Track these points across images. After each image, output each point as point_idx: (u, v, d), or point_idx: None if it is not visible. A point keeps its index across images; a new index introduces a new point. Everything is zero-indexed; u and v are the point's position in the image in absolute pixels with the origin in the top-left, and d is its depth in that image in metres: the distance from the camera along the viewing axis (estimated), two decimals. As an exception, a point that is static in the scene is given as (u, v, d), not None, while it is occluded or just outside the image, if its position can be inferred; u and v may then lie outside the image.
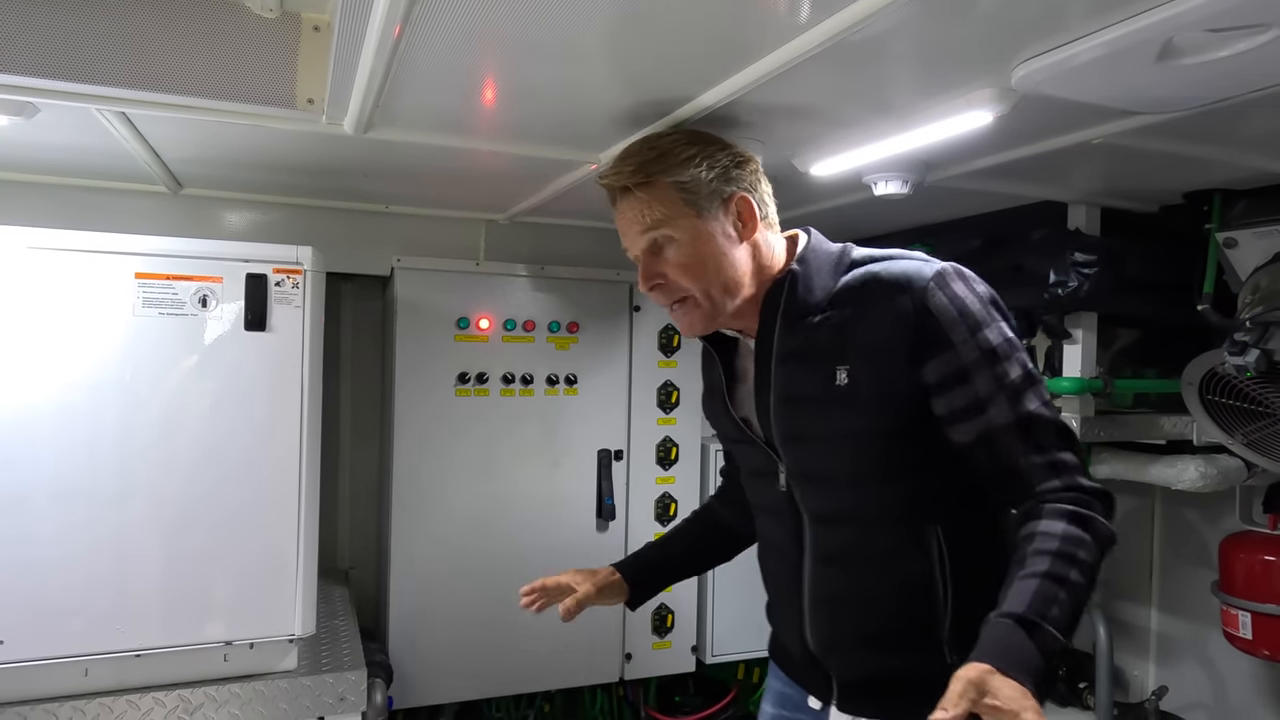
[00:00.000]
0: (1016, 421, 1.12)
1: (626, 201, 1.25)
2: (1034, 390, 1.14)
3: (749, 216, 1.25)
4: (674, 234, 1.22)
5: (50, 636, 1.64)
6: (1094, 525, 1.09)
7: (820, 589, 1.28)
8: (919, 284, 1.15)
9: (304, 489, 1.80)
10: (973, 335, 1.13)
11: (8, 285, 1.60)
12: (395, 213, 2.47)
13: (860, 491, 1.23)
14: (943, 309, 1.13)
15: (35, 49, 1.34)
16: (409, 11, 1.01)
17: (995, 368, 1.13)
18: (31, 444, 1.62)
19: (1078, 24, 1.05)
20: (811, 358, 1.22)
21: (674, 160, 1.22)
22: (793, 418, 1.25)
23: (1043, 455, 1.13)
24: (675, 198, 1.22)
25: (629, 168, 1.24)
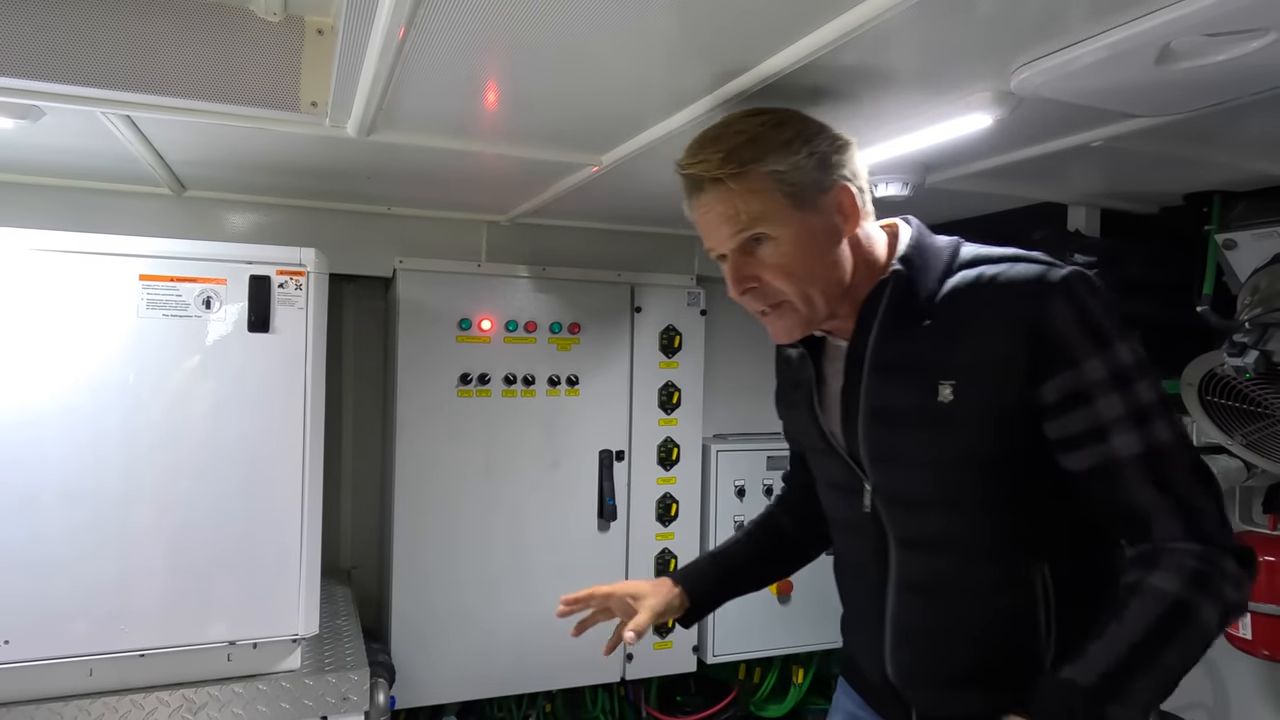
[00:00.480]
0: (1144, 453, 0.97)
1: (713, 194, 1.08)
2: (1167, 420, 0.99)
3: (852, 208, 1.11)
4: (771, 231, 1.07)
5: (55, 637, 1.64)
6: (1215, 593, 0.93)
7: (905, 618, 1.16)
8: (1042, 291, 1.01)
9: (307, 489, 1.80)
10: (1100, 351, 0.99)
11: (13, 287, 1.61)
12: (397, 214, 2.48)
13: (957, 520, 1.09)
14: (1068, 321, 0.99)
15: (41, 52, 1.35)
16: (413, 14, 1.01)
17: (1123, 390, 0.98)
18: (36, 445, 1.63)
19: (1077, 27, 1.06)
20: (911, 369, 1.09)
21: (770, 146, 1.07)
22: (884, 435, 1.12)
23: (1171, 496, 0.97)
24: (773, 189, 1.06)
25: (718, 155, 1.07)
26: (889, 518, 1.15)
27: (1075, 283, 1.01)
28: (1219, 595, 0.94)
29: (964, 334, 1.05)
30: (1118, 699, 0.88)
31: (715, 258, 1.16)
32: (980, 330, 1.04)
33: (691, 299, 2.71)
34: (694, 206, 1.13)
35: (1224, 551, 0.96)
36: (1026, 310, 1.01)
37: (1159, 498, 0.97)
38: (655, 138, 1.55)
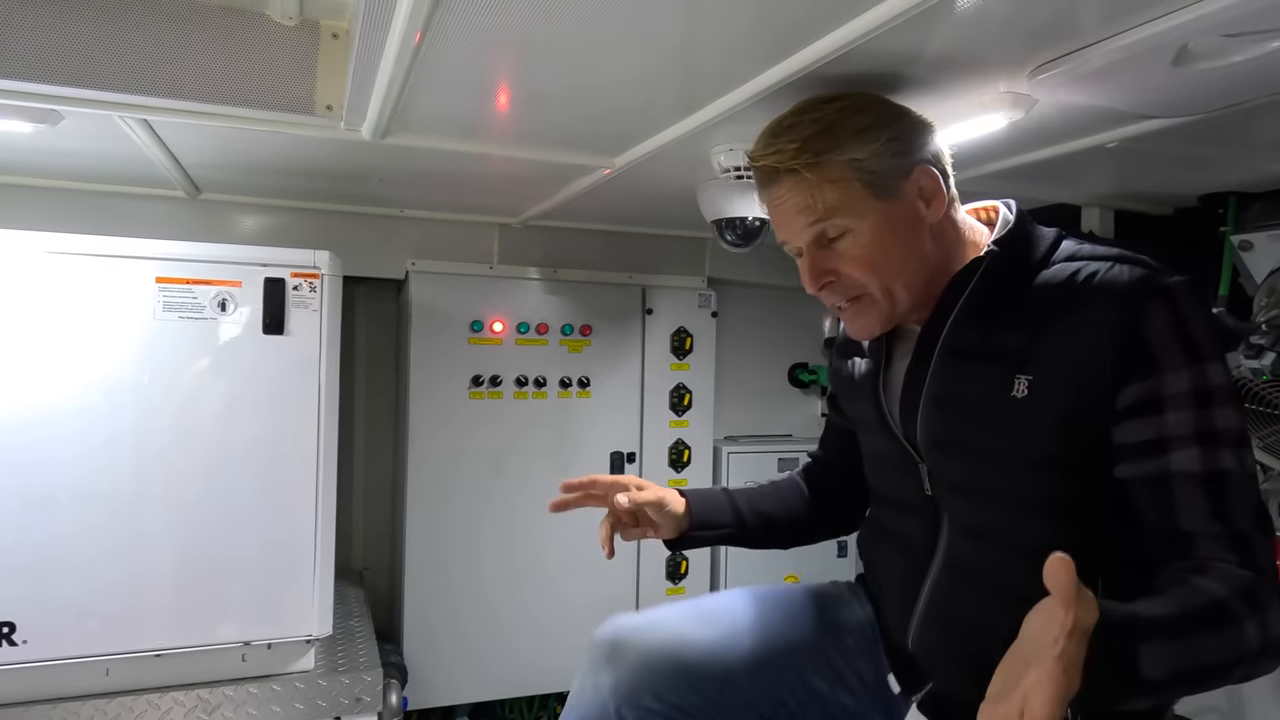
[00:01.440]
0: (1203, 474, 0.92)
1: (788, 185, 1.05)
2: (1238, 452, 0.93)
3: (935, 193, 1.06)
4: (850, 223, 1.03)
5: (71, 637, 1.66)
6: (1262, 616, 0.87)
7: (942, 600, 1.11)
8: (1143, 295, 0.95)
9: (321, 490, 1.81)
10: (1188, 366, 0.93)
11: (31, 290, 1.63)
12: (410, 217, 2.49)
13: (1014, 517, 1.04)
14: (1163, 329, 0.94)
15: (59, 57, 1.36)
16: (430, 18, 1.02)
17: (1199, 409, 0.93)
18: (52, 446, 1.64)
19: (1094, 28, 1.05)
20: (986, 358, 1.04)
21: (846, 133, 1.03)
22: (946, 422, 1.08)
23: (1225, 525, 0.91)
24: (851, 179, 1.02)
25: (793, 145, 1.02)
26: (946, 503, 1.11)
27: (1180, 292, 0.96)
28: (1266, 621, 0.87)
29: (1050, 328, 1.00)
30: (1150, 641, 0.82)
31: (790, 250, 1.11)
32: (1069, 326, 0.98)
33: (702, 301, 2.71)
34: (767, 199, 1.10)
35: (1275, 589, 0.90)
36: (1123, 313, 0.95)
37: (1211, 522, 0.92)
38: (667, 140, 1.55)
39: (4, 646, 1.60)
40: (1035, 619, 0.77)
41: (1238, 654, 0.87)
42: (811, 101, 1.09)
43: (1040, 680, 0.71)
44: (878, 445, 1.23)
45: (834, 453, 1.45)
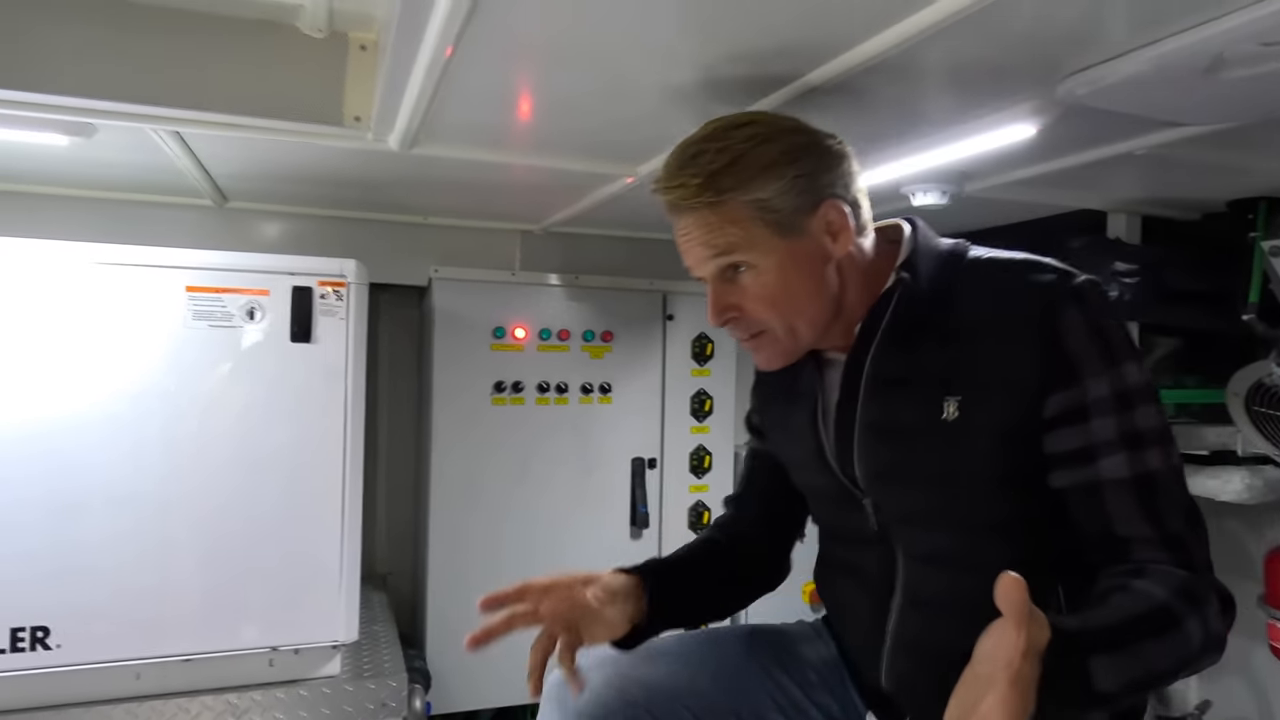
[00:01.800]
0: (1132, 479, 0.93)
1: (691, 219, 1.03)
2: (1163, 450, 0.94)
3: (842, 227, 1.03)
4: (752, 260, 1.01)
5: (103, 641, 1.68)
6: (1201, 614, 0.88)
7: (909, 632, 1.09)
8: (1055, 302, 0.95)
9: (347, 497, 1.83)
10: (1107, 371, 0.94)
11: (65, 298, 1.65)
12: (433, 224, 2.51)
13: (966, 539, 1.03)
14: (1080, 335, 0.95)
15: (95, 72, 1.38)
16: (462, 31, 1.03)
17: (1121, 413, 0.93)
18: (85, 453, 1.66)
19: (1125, 38, 1.05)
20: (913, 384, 1.03)
21: (750, 170, 0.99)
22: (883, 453, 1.06)
23: (1158, 527, 0.93)
24: (754, 218, 0.99)
25: (695, 181, 1.00)
26: (896, 534, 1.09)
27: (1090, 294, 0.97)
28: (1205, 617, 0.89)
29: (972, 345, 1.00)
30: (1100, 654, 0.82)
31: (696, 277, 1.09)
32: (989, 341, 0.98)
33: (723, 307, 2.71)
34: (674, 226, 1.07)
35: (1211, 586, 0.92)
36: (1039, 323, 0.95)
37: (1144, 525, 0.93)
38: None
39: (39, 650, 1.63)
40: (988, 641, 0.78)
41: (1183, 655, 0.88)
42: (721, 127, 1.04)
43: (996, 703, 0.72)
44: (816, 483, 1.19)
45: (761, 492, 1.35)
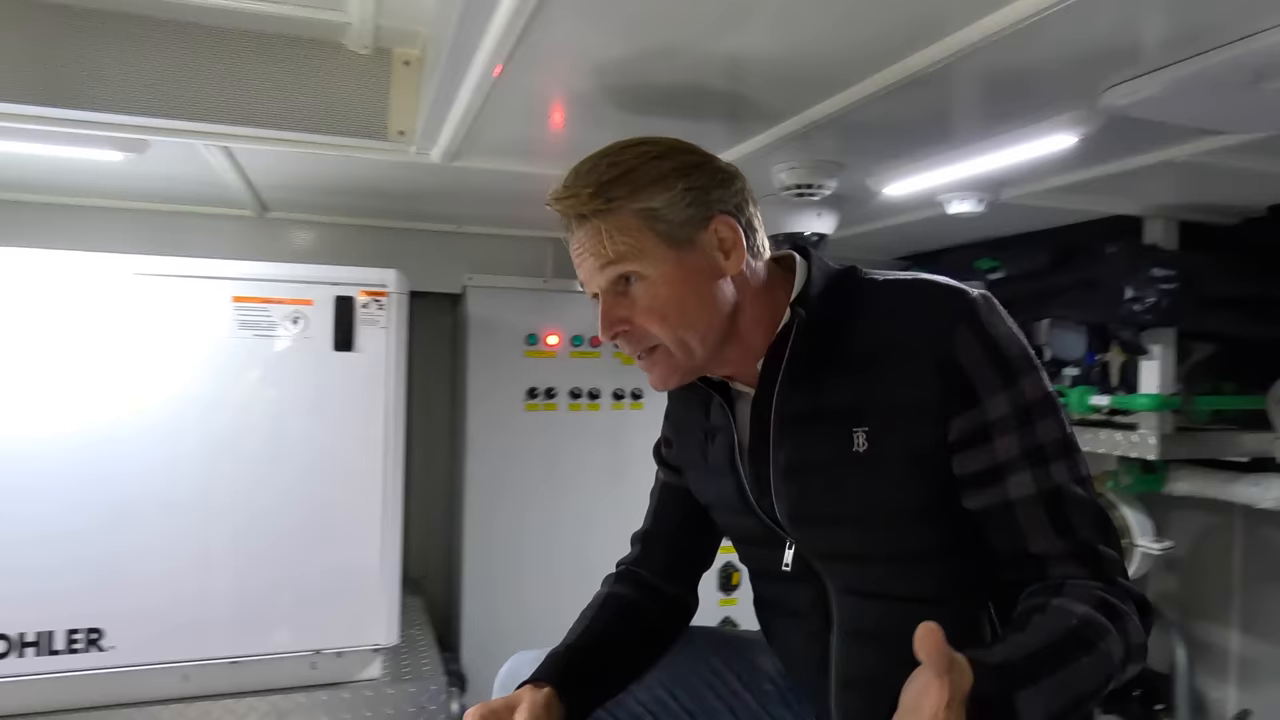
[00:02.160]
0: (1040, 495, 0.93)
1: (583, 231, 1.01)
2: (1069, 461, 0.94)
3: (733, 244, 1.02)
4: (641, 270, 0.99)
5: (154, 643, 1.72)
6: (1121, 626, 0.88)
7: (851, 665, 1.06)
8: (949, 320, 0.95)
9: (388, 502, 1.86)
10: (1005, 386, 0.94)
11: (117, 309, 1.70)
12: (467, 232, 2.54)
13: (894, 570, 1.02)
14: (974, 353, 0.94)
15: (149, 91, 1.43)
16: (513, 51, 1.05)
17: (1024, 429, 0.93)
18: (137, 459, 1.71)
19: (1170, 51, 1.05)
20: (822, 419, 1.01)
21: (641, 181, 0.99)
22: (801, 492, 1.04)
23: (1070, 540, 0.93)
24: (643, 227, 0.99)
25: (586, 190, 0.99)
26: (824, 570, 1.07)
27: (983, 309, 0.96)
28: (1124, 630, 0.88)
29: (874, 374, 0.98)
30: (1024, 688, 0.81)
31: (589, 295, 1.06)
32: (889, 368, 0.97)
33: (753, 313, 2.72)
34: (569, 241, 1.05)
35: (1128, 594, 0.91)
36: (934, 344, 0.94)
37: (1056, 541, 0.92)
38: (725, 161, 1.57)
39: (93, 652, 1.67)
40: (912, 691, 0.78)
41: (1107, 671, 0.87)
42: (614, 147, 1.04)
43: None
44: (739, 524, 1.15)
45: (671, 531, 1.30)
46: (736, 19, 1.03)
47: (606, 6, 0.99)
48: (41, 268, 1.67)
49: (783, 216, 1.84)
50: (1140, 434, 2.03)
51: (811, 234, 1.87)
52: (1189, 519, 2.52)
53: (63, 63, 1.39)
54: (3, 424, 1.64)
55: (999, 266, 2.44)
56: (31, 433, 1.65)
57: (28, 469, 1.65)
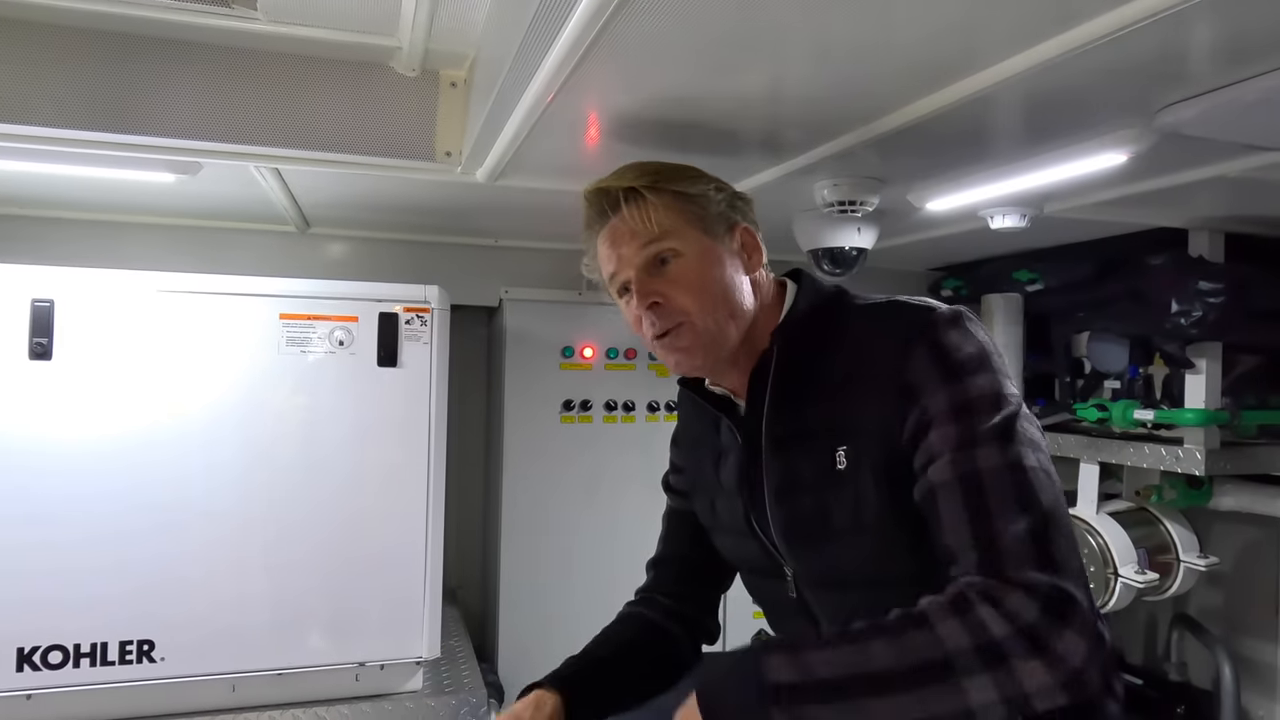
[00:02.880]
0: (958, 478, 0.90)
1: (625, 211, 1.07)
2: (998, 446, 0.91)
3: (754, 249, 1.12)
4: (679, 247, 1.06)
5: (203, 654, 1.75)
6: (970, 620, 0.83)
7: None
8: (908, 340, 0.98)
9: (431, 516, 1.88)
10: (946, 383, 0.95)
11: (171, 325, 1.74)
12: (503, 246, 2.56)
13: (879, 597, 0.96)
14: (924, 362, 0.96)
15: (202, 115, 1.46)
16: (567, 80, 1.06)
17: (961, 420, 0.93)
18: (189, 473, 1.74)
19: (1227, 71, 1.04)
20: (806, 438, 1.04)
21: (679, 176, 1.10)
22: (791, 512, 1.06)
23: (976, 527, 0.88)
24: (683, 209, 1.07)
25: (631, 174, 1.09)
26: (815, 601, 1.09)
27: (941, 325, 0.98)
28: (973, 619, 0.82)
29: (847, 394, 1.01)
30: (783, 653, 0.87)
31: (617, 285, 1.11)
32: (861, 387, 1.00)
33: (788, 324, 2.71)
34: (600, 233, 1.11)
35: (1011, 585, 0.84)
36: (894, 361, 0.98)
37: (963, 530, 0.89)
38: (767, 180, 1.58)
39: (144, 663, 1.70)
40: None
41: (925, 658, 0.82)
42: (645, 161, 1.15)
43: None
44: (741, 549, 1.17)
45: (683, 556, 1.34)
46: (776, 59, 1.06)
47: (655, 47, 1.01)
48: (98, 286, 1.70)
49: (824, 231, 1.83)
50: (1186, 449, 2.01)
51: (851, 248, 1.87)
52: (1234, 534, 2.48)
53: (119, 89, 1.42)
54: (63, 439, 1.67)
55: (1038, 278, 2.41)
56: (90, 448, 1.69)
57: (87, 484, 1.68)
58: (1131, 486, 2.35)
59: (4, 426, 1.64)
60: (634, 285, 1.08)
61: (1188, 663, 2.42)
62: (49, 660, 1.66)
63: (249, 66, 1.47)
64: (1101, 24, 0.90)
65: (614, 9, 0.85)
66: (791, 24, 0.94)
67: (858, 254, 1.89)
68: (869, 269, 1.97)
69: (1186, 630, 2.38)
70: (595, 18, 0.87)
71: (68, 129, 1.41)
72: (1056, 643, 0.81)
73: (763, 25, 0.94)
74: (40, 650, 1.65)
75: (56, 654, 1.66)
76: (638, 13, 0.88)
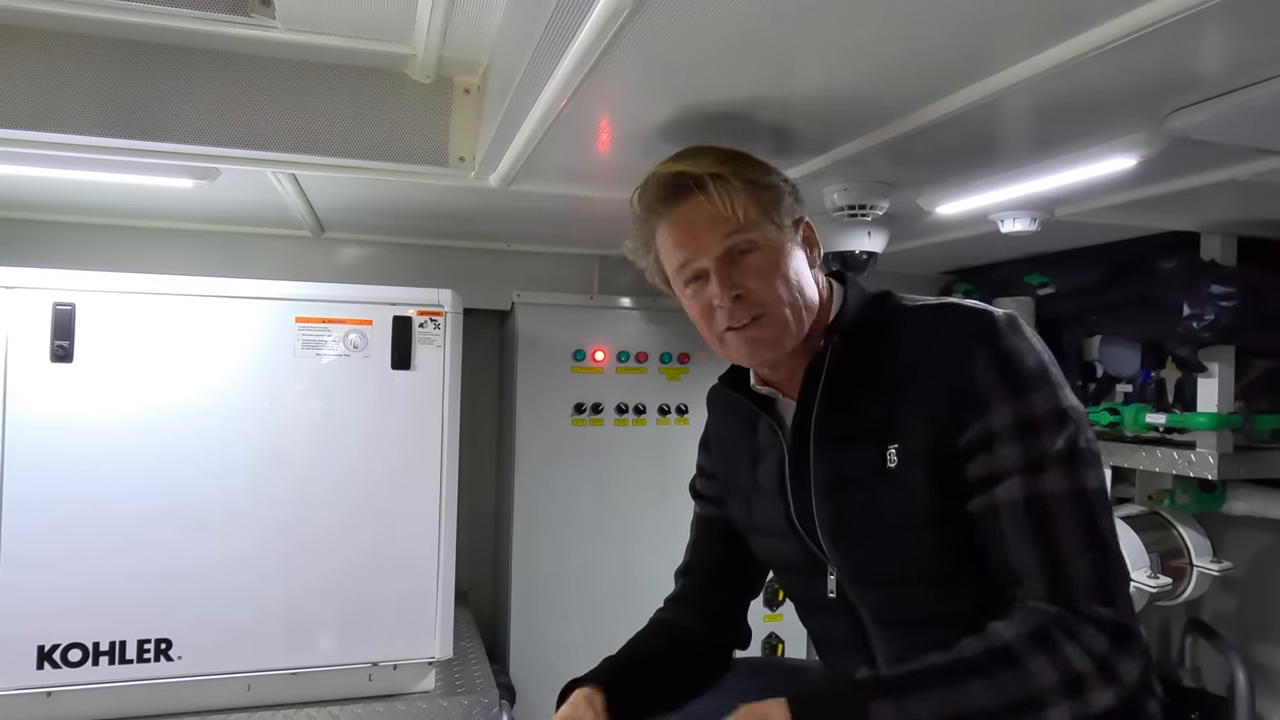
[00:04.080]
0: (1025, 501, 0.92)
1: (704, 195, 1.05)
2: (1066, 471, 0.93)
3: (815, 243, 1.14)
4: (759, 239, 1.06)
5: (219, 653, 1.77)
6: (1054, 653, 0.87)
7: None
8: (966, 340, 0.98)
9: (443, 518, 1.90)
10: (1014, 397, 0.95)
11: (191, 329, 1.76)
12: (515, 250, 2.58)
13: (928, 594, 1.02)
14: (986, 369, 0.96)
15: (221, 121, 1.48)
16: (580, 87, 1.08)
17: (1026, 440, 0.93)
18: (206, 475, 1.77)
19: (1238, 75, 1.04)
20: (857, 437, 1.04)
21: (754, 165, 1.10)
22: (840, 510, 1.06)
23: (1042, 553, 0.91)
24: (760, 200, 1.07)
25: (708, 158, 1.07)
26: (859, 599, 1.09)
27: (1002, 330, 0.99)
28: (1060, 656, 0.87)
29: (901, 393, 1.02)
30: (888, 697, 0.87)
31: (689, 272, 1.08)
32: (915, 387, 1.00)
33: (798, 328, 2.72)
34: (665, 218, 1.09)
35: (1084, 619, 0.89)
36: (953, 362, 0.98)
37: (1030, 553, 0.92)
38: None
39: (162, 662, 1.73)
40: None
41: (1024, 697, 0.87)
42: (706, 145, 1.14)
43: None
44: (779, 550, 1.17)
45: (712, 562, 1.33)
46: (787, 64, 1.07)
47: (667, 53, 1.02)
48: (119, 289, 1.73)
49: (834, 235, 1.84)
50: (1199, 453, 2.00)
51: (861, 252, 1.88)
52: (1248, 539, 2.47)
53: (140, 96, 1.45)
54: (82, 440, 1.70)
55: (1049, 282, 2.41)
56: (109, 450, 1.71)
57: (106, 486, 1.71)
58: (1144, 490, 2.35)
59: (26, 428, 1.67)
60: (715, 275, 1.06)
61: (1201, 669, 2.41)
62: (69, 658, 1.68)
63: (267, 74, 1.50)
64: (1113, 28, 0.91)
65: (626, 16, 0.87)
66: (803, 29, 0.95)
67: (868, 258, 1.89)
68: (880, 273, 1.98)
69: (1200, 636, 2.37)
70: (608, 25, 0.88)
71: (90, 136, 1.43)
72: (1122, 670, 0.89)
73: (774, 31, 0.95)
74: (60, 648, 1.68)
75: (76, 652, 1.69)
76: (650, 20, 0.89)
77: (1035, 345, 1.00)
